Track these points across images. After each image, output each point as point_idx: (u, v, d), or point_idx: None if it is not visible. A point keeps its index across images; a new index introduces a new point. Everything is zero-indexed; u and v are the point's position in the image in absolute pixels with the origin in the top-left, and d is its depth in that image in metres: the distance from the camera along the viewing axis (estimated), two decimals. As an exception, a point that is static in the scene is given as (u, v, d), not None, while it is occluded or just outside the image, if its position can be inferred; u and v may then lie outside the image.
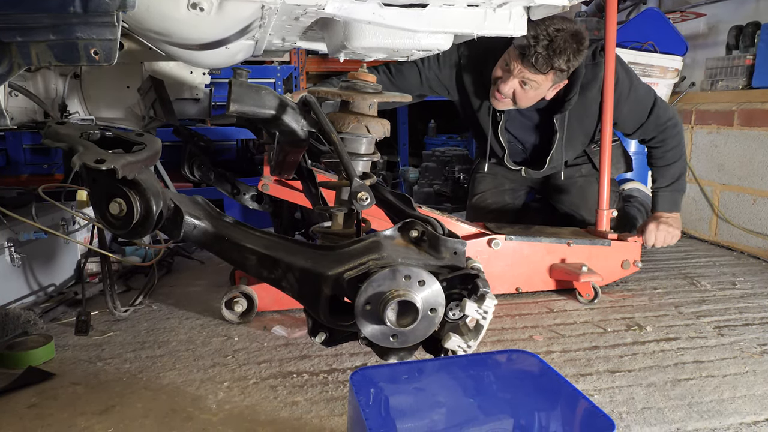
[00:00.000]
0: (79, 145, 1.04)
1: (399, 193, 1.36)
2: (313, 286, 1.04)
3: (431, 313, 0.98)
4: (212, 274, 2.24)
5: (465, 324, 1.04)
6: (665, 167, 2.22)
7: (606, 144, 2.11)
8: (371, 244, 1.03)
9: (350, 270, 1.00)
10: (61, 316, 1.82)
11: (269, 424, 1.23)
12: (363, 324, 0.97)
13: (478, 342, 1.02)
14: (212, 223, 1.12)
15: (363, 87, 1.21)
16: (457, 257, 1.04)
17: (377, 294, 0.96)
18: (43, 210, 1.92)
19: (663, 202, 2.21)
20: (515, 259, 2.01)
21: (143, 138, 1.13)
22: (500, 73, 2.06)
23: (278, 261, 1.08)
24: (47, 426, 1.23)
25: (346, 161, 1.09)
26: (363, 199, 1.06)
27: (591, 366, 1.51)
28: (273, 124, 1.17)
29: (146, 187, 1.02)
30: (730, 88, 2.77)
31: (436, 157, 3.99)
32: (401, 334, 0.98)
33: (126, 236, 1.07)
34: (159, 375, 1.45)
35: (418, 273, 0.96)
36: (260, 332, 1.72)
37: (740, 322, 1.79)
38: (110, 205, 1.03)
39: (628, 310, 1.91)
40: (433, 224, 1.07)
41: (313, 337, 1.11)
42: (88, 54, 0.91)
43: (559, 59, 1.92)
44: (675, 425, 1.23)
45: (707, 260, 2.52)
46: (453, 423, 0.80)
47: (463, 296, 1.01)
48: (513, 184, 2.54)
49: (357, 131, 1.20)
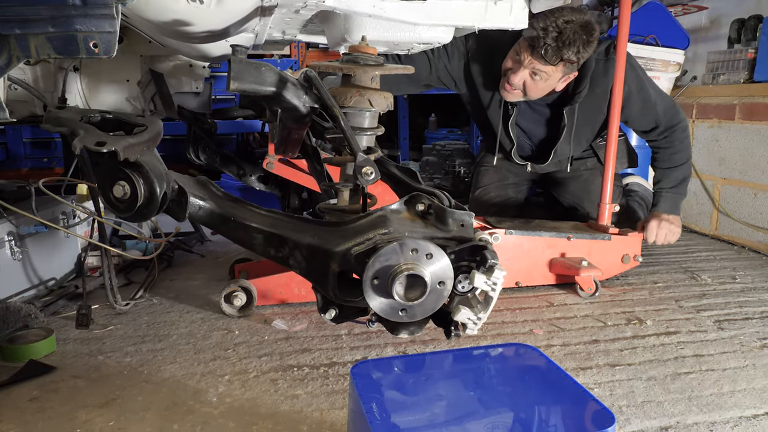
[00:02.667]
0: (80, 129, 1.03)
1: (404, 167, 1.35)
2: (321, 263, 1.04)
3: (440, 286, 0.97)
4: (213, 268, 2.24)
5: (474, 296, 1.03)
6: (670, 169, 2.22)
7: (612, 139, 2.10)
8: (377, 218, 1.03)
9: (357, 245, 0.99)
10: (62, 310, 1.82)
11: (270, 417, 1.23)
12: (371, 298, 0.97)
13: (488, 314, 1.00)
14: (217, 203, 1.11)
15: (364, 60, 1.19)
16: (464, 229, 1.03)
17: (385, 268, 0.95)
18: (43, 204, 1.92)
19: (665, 203, 2.21)
20: (515, 254, 2.01)
21: (144, 120, 1.12)
22: (511, 64, 2.06)
23: (285, 239, 1.07)
24: (48, 419, 1.23)
25: (350, 136, 1.08)
26: (368, 173, 1.05)
27: (591, 359, 1.51)
28: (274, 101, 1.16)
29: (149, 168, 1.02)
30: (732, 81, 2.76)
31: (436, 151, 3.98)
32: (410, 308, 0.97)
33: (131, 219, 1.07)
34: (160, 368, 1.46)
35: (425, 246, 0.95)
36: (261, 326, 1.72)
37: (740, 316, 1.79)
38: (114, 188, 1.03)
39: (629, 304, 1.91)
40: (440, 197, 1.07)
41: (323, 314, 1.10)
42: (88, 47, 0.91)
43: (568, 51, 1.92)
44: (675, 418, 1.23)
45: (708, 254, 2.52)
46: (453, 416, 0.80)
47: (472, 268, 1.00)
48: (516, 178, 2.54)
49: (359, 105, 1.18)
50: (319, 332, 1.67)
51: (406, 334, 1.07)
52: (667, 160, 2.22)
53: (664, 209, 2.20)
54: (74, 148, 0.96)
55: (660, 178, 2.25)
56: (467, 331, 1.02)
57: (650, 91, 2.17)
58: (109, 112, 1.15)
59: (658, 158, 2.25)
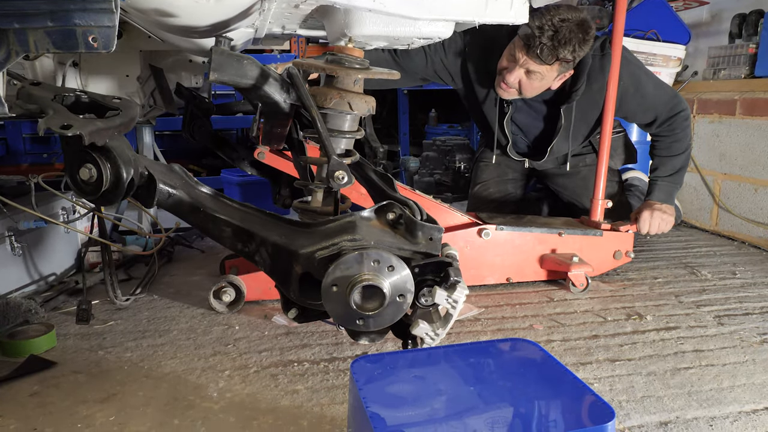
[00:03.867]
0: (50, 109, 1.01)
1: (382, 172, 1.34)
2: (285, 263, 1.04)
3: (399, 299, 0.98)
4: (213, 264, 2.24)
5: (436, 311, 1.03)
6: (668, 158, 2.21)
7: (606, 135, 2.10)
8: (346, 224, 1.03)
9: (322, 249, 0.99)
10: (62, 305, 1.82)
11: (270, 412, 1.24)
12: (329, 305, 0.97)
13: (446, 331, 1.01)
14: (188, 192, 1.10)
15: (349, 62, 1.19)
16: (432, 243, 1.03)
17: (345, 277, 0.95)
18: (43, 199, 1.92)
19: (659, 192, 2.20)
20: (506, 249, 2.01)
21: (120, 103, 1.11)
22: (506, 64, 2.05)
23: (253, 235, 1.07)
24: (49, 414, 1.23)
25: (325, 138, 1.07)
26: (340, 177, 1.05)
27: (591, 355, 1.51)
28: (254, 94, 1.15)
29: (117, 154, 1.01)
30: (733, 77, 2.75)
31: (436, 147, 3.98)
32: (367, 318, 0.98)
33: (96, 202, 1.06)
34: (160, 364, 1.46)
35: (387, 258, 0.96)
36: (261, 321, 1.72)
37: (740, 312, 1.79)
38: (80, 171, 1.02)
39: (629, 300, 1.91)
40: (412, 208, 1.07)
41: (286, 312, 1.11)
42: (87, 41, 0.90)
43: (564, 50, 1.91)
44: (674, 413, 1.24)
45: (708, 250, 2.52)
46: (453, 411, 0.81)
47: (435, 283, 1.01)
48: (516, 174, 2.53)
49: (339, 107, 1.17)
50: (319, 328, 1.67)
51: (366, 341, 1.08)
52: (667, 148, 2.21)
53: (658, 198, 2.19)
54: (39, 129, 0.95)
55: (657, 166, 2.23)
56: (425, 346, 1.02)
57: (648, 85, 2.16)
58: (85, 92, 1.12)
59: (657, 146, 2.24)
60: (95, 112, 1.09)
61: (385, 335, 1.08)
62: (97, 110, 1.10)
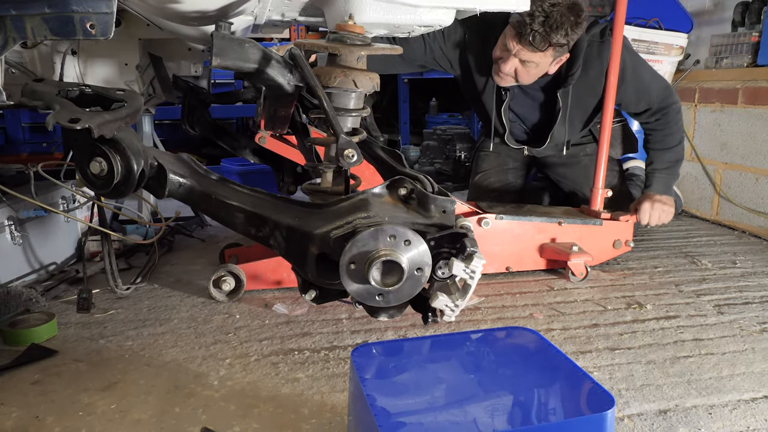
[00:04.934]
0: (56, 104, 1.01)
1: (390, 149, 1.33)
2: (301, 245, 1.04)
3: (417, 272, 0.98)
4: (213, 253, 2.24)
5: (454, 283, 1.03)
6: (663, 150, 2.20)
7: (606, 123, 2.09)
8: (359, 202, 1.02)
9: (337, 229, 0.99)
10: (63, 294, 1.83)
11: (271, 400, 1.24)
12: (348, 283, 0.97)
13: (465, 301, 1.01)
14: (198, 180, 1.10)
15: (351, 39, 1.17)
16: (446, 216, 1.03)
17: (362, 253, 0.95)
18: (43, 188, 1.91)
19: (657, 184, 2.19)
20: (505, 239, 2.00)
21: (124, 95, 1.10)
22: (500, 53, 2.04)
23: (266, 219, 1.07)
24: (51, 402, 1.24)
25: (332, 117, 1.07)
26: (349, 156, 1.04)
27: (591, 343, 1.52)
28: (258, 78, 1.14)
29: (126, 145, 1.01)
30: (735, 65, 2.73)
31: (437, 136, 3.96)
32: (387, 294, 0.98)
33: (109, 196, 1.06)
34: (161, 352, 1.46)
35: (403, 233, 0.95)
36: (261, 310, 1.72)
37: (740, 301, 1.80)
38: (91, 165, 1.01)
39: (629, 289, 1.91)
40: (423, 182, 1.06)
41: (303, 294, 1.11)
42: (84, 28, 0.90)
43: (556, 34, 1.89)
44: (674, 402, 1.24)
45: (708, 239, 2.52)
46: (453, 399, 0.81)
47: (452, 255, 1.00)
48: (516, 163, 2.53)
49: (344, 86, 1.16)
50: (320, 316, 1.68)
51: (386, 317, 1.08)
52: (660, 142, 2.20)
53: (657, 190, 2.18)
54: (47, 125, 0.95)
55: (653, 160, 2.23)
56: (445, 318, 1.02)
57: (644, 73, 2.16)
58: (89, 86, 1.12)
59: (651, 140, 2.24)
60: (100, 105, 1.09)
61: (404, 310, 1.08)
62: (102, 103, 1.09)
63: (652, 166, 2.23)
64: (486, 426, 0.72)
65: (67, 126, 0.93)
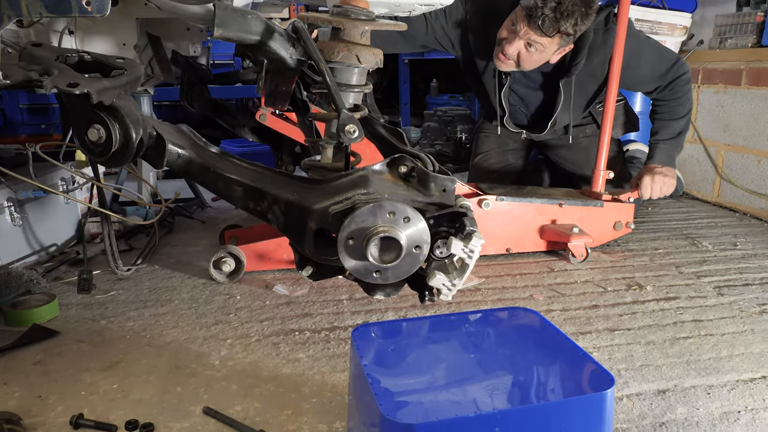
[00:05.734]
0: (54, 68, 0.99)
1: (391, 127, 1.32)
2: (299, 220, 1.03)
3: (416, 250, 0.97)
4: (213, 234, 2.24)
5: (452, 262, 1.03)
6: (669, 121, 2.19)
7: (609, 108, 2.08)
8: (359, 178, 1.02)
9: (336, 204, 0.99)
10: (63, 276, 1.83)
11: (272, 380, 1.25)
12: (346, 259, 0.97)
13: (463, 281, 1.01)
14: (197, 152, 1.09)
15: (355, 13, 1.16)
16: (446, 195, 1.02)
17: (360, 229, 0.95)
18: (42, 170, 1.91)
19: (660, 154, 2.18)
20: (506, 220, 2.00)
21: (124, 63, 1.09)
22: (506, 34, 2.01)
23: (264, 193, 1.06)
24: (53, 382, 1.25)
25: (334, 92, 1.05)
26: (351, 132, 1.03)
27: (590, 324, 1.52)
28: (260, 50, 1.13)
29: (125, 113, 1.00)
30: (740, 46, 2.70)
31: (438, 117, 3.94)
32: (384, 271, 0.97)
33: (106, 164, 1.05)
34: (162, 333, 1.47)
35: (403, 209, 0.95)
36: (262, 291, 1.73)
37: (740, 282, 1.80)
38: (89, 132, 1.00)
39: (629, 270, 1.91)
40: (423, 160, 1.06)
41: (300, 270, 1.10)
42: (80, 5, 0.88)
43: (566, 23, 1.88)
44: (672, 382, 1.25)
45: (709, 221, 2.52)
46: (454, 378, 0.81)
47: (450, 234, 1.00)
48: (516, 144, 2.52)
49: (347, 60, 1.14)
50: (320, 297, 1.68)
51: (382, 296, 1.07)
52: (668, 112, 2.19)
53: (660, 160, 2.17)
54: (45, 88, 0.94)
55: (658, 129, 2.22)
56: (441, 297, 1.02)
57: (650, 58, 2.14)
58: (88, 53, 1.10)
59: (659, 110, 2.22)
60: (99, 72, 1.07)
61: (401, 289, 1.08)
62: (101, 70, 1.08)
63: (656, 137, 2.21)
64: (486, 405, 0.73)
65: (65, 90, 0.92)
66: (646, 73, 2.15)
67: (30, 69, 1.00)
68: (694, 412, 1.14)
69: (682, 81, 2.15)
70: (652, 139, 2.23)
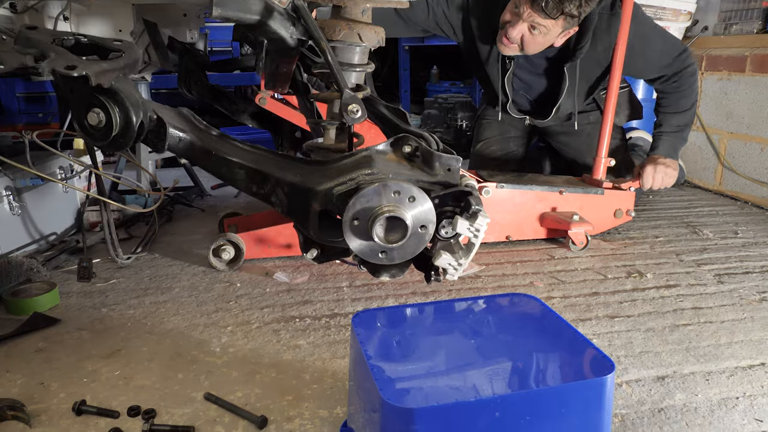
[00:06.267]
0: (51, 51, 0.98)
1: (394, 107, 1.31)
2: (303, 202, 1.02)
3: (421, 230, 0.96)
4: (213, 222, 2.23)
5: (457, 242, 1.02)
6: (674, 114, 2.17)
7: (612, 94, 2.06)
8: (362, 158, 1.01)
9: (340, 185, 0.97)
10: (64, 264, 1.83)
11: (273, 366, 1.25)
12: (351, 240, 0.96)
13: (469, 260, 1.00)
14: (199, 136, 1.08)
15: None
16: (450, 174, 1.01)
17: (366, 209, 0.94)
18: (40, 158, 1.90)
19: (664, 146, 2.17)
20: (506, 207, 1.99)
21: (121, 45, 1.07)
22: (509, 17, 1.99)
23: (267, 176, 1.05)
24: (55, 369, 1.25)
25: (336, 71, 1.04)
26: (354, 111, 1.02)
27: (590, 311, 1.52)
28: (260, 30, 1.11)
29: (125, 96, 0.99)
30: (745, 32, 2.68)
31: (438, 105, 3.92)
32: (390, 251, 0.97)
33: (107, 148, 1.04)
34: (163, 320, 1.47)
35: (408, 189, 0.94)
36: (262, 278, 1.73)
37: (740, 270, 1.80)
38: (88, 116, 0.99)
39: (629, 258, 1.91)
40: (427, 139, 1.05)
41: (305, 253, 1.10)
42: (75, -13, 0.87)
43: (570, 4, 1.86)
44: (672, 368, 1.25)
45: (710, 209, 2.51)
46: (454, 364, 0.81)
47: (456, 214, 0.99)
48: (518, 132, 2.50)
49: (348, 39, 1.13)
50: (321, 284, 1.68)
51: (387, 277, 1.07)
52: (673, 105, 2.17)
53: (663, 152, 2.16)
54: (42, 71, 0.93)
55: (662, 122, 2.20)
56: (447, 277, 1.01)
57: (656, 43, 2.11)
58: (84, 36, 1.08)
59: (663, 103, 2.20)
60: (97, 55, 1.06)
61: (406, 270, 1.07)
62: (98, 53, 1.07)
63: (660, 129, 2.20)
64: (486, 390, 0.73)
65: (63, 73, 0.91)
66: (652, 60, 2.12)
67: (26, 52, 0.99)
68: (692, 399, 1.14)
69: (687, 72, 2.13)
70: (656, 131, 2.21)
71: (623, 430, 1.05)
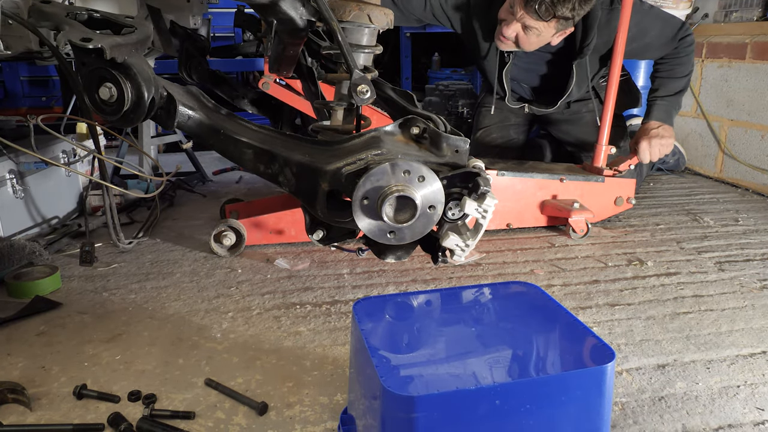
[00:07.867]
0: (65, 24, 0.98)
1: (401, 89, 1.31)
2: (311, 181, 1.02)
3: (430, 210, 0.96)
4: (214, 208, 2.24)
5: (464, 224, 1.03)
6: (670, 79, 2.17)
7: (612, 84, 2.05)
8: (371, 139, 1.00)
9: (349, 165, 0.97)
10: (66, 248, 1.83)
11: (273, 352, 1.26)
12: (360, 219, 0.96)
13: (476, 241, 1.00)
14: (207, 114, 1.08)
15: None
16: (458, 155, 1.01)
17: (375, 188, 0.94)
18: (44, 142, 1.90)
19: (658, 111, 2.16)
20: (507, 195, 1.99)
21: (133, 21, 1.07)
22: (504, 15, 1.99)
23: (275, 155, 1.05)
24: (56, 353, 1.26)
25: (347, 52, 1.03)
26: (363, 92, 1.01)
27: (591, 299, 1.53)
28: (270, 11, 1.10)
29: (137, 71, 0.98)
30: (745, 19, 2.66)
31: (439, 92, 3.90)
32: (399, 231, 0.96)
33: (118, 123, 1.03)
34: (164, 305, 1.47)
35: (417, 168, 0.94)
36: (263, 265, 1.73)
37: (741, 258, 1.80)
38: (100, 90, 0.99)
39: (630, 246, 1.91)
40: (435, 121, 1.04)
41: (311, 234, 1.10)
42: (77, -30, 0.86)
43: (563, 7, 1.85)
44: (672, 356, 1.26)
45: (711, 197, 2.51)
46: (454, 351, 0.81)
47: (463, 195, 0.99)
48: (518, 119, 2.50)
49: (358, 20, 1.12)
50: (321, 271, 1.68)
51: (393, 259, 1.07)
52: (669, 70, 2.18)
53: (658, 117, 2.15)
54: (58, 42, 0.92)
55: (657, 87, 2.20)
56: (455, 258, 1.02)
57: (655, 27, 2.11)
58: (97, 11, 1.08)
59: (660, 69, 2.21)
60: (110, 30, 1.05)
61: (412, 251, 1.07)
62: (111, 28, 1.06)
63: (655, 94, 2.20)
64: (487, 378, 0.73)
65: (79, 45, 0.90)
66: (654, 45, 2.14)
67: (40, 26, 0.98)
68: (693, 387, 1.15)
69: (686, 42, 2.14)
70: (651, 96, 2.21)
71: (624, 419, 1.06)
